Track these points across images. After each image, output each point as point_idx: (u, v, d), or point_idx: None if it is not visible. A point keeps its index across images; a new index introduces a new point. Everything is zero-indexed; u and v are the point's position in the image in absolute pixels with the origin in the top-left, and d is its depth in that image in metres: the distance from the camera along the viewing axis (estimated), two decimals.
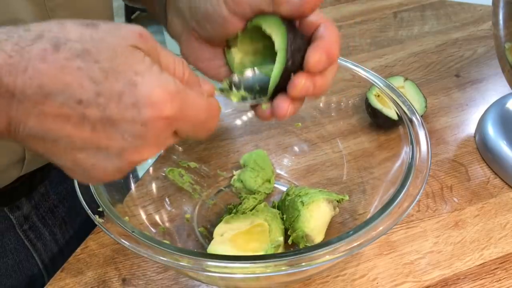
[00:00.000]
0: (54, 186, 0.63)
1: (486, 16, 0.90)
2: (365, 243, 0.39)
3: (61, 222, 0.65)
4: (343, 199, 0.53)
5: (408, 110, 0.50)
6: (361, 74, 0.54)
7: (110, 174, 0.32)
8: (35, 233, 0.62)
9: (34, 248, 0.62)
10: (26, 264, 0.62)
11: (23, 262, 0.61)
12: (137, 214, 0.52)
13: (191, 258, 0.38)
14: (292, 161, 0.62)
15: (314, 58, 0.36)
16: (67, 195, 0.66)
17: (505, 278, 0.51)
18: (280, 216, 0.54)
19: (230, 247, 0.49)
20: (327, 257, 0.39)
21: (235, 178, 0.61)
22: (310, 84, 0.37)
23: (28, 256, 0.62)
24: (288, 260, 0.38)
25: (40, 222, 0.62)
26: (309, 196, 0.52)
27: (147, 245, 0.39)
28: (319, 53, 0.36)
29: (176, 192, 0.58)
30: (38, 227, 0.62)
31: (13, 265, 0.60)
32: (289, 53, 0.37)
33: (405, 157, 0.48)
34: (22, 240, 0.60)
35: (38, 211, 0.62)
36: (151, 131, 0.30)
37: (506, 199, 0.58)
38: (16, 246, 0.60)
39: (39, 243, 0.62)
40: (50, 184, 0.63)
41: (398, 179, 0.46)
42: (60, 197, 0.65)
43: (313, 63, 0.36)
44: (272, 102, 0.40)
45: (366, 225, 0.40)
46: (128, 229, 0.41)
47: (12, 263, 0.60)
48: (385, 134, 0.56)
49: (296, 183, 0.60)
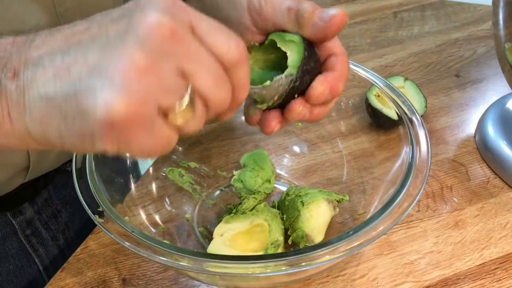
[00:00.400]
0: (57, 191, 0.63)
1: (486, 16, 0.90)
2: (365, 243, 0.39)
3: (64, 228, 0.65)
4: (343, 199, 0.53)
5: (408, 110, 0.50)
6: (361, 74, 0.54)
7: (132, 55, 0.26)
8: (37, 238, 0.61)
9: (36, 253, 0.62)
10: (27, 269, 0.61)
11: (25, 268, 0.61)
12: (137, 214, 0.52)
13: (191, 258, 0.38)
14: (292, 161, 0.62)
15: (318, 90, 0.36)
16: (71, 200, 0.65)
17: (505, 278, 0.51)
18: (280, 216, 0.54)
19: (230, 247, 0.49)
20: (327, 257, 0.39)
21: (235, 178, 0.61)
22: (306, 112, 0.38)
23: (30, 262, 0.61)
24: (288, 260, 0.38)
25: (42, 227, 0.62)
26: (309, 196, 0.52)
27: (147, 245, 0.39)
28: (324, 86, 0.36)
29: (176, 192, 0.58)
30: (40, 232, 0.62)
31: (14, 270, 0.60)
32: (299, 73, 0.37)
33: (405, 157, 0.48)
34: (24, 246, 0.60)
35: (41, 216, 0.61)
36: (150, 35, 0.26)
37: (506, 199, 0.58)
38: (18, 251, 0.60)
39: (41, 248, 0.62)
40: (54, 189, 0.62)
41: (398, 179, 0.46)
42: (63, 202, 0.64)
43: (315, 95, 0.37)
44: (262, 113, 0.40)
45: (366, 225, 0.40)
46: (128, 229, 0.41)
47: (14, 268, 0.60)
48: (385, 134, 0.56)
49: (296, 183, 0.60)
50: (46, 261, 0.63)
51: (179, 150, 0.61)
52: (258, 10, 0.37)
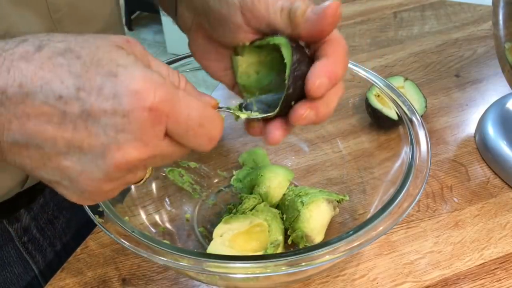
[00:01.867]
0: (53, 196, 0.63)
1: (486, 16, 0.90)
2: (365, 243, 0.39)
3: (60, 234, 0.64)
4: (343, 199, 0.53)
5: (408, 110, 0.50)
6: (361, 74, 0.54)
7: (99, 183, 0.29)
8: (34, 245, 0.61)
9: (33, 260, 0.61)
10: (25, 276, 0.61)
11: (22, 275, 0.60)
12: (137, 214, 0.52)
13: (191, 258, 0.38)
14: (292, 161, 0.62)
15: (314, 84, 0.34)
16: (67, 206, 0.65)
17: (505, 278, 0.51)
18: (280, 216, 0.54)
19: (230, 247, 0.49)
20: (327, 257, 0.39)
21: (235, 178, 0.61)
22: (313, 114, 0.35)
23: (27, 269, 0.61)
24: (288, 260, 0.38)
25: (39, 233, 0.61)
26: (309, 196, 0.52)
27: (147, 245, 0.39)
28: (319, 77, 0.34)
29: (176, 192, 0.58)
30: (37, 239, 0.61)
31: (11, 278, 0.59)
32: (291, 80, 0.35)
33: (405, 157, 0.48)
34: (21, 253, 0.60)
35: (37, 223, 0.61)
36: (134, 123, 0.27)
37: (506, 199, 0.58)
38: (15, 259, 0.59)
39: (39, 255, 0.62)
40: (50, 194, 0.62)
41: (398, 179, 0.46)
42: (59, 207, 0.64)
43: (313, 90, 0.34)
44: (263, 124, 0.38)
45: (366, 225, 0.40)
46: (128, 229, 0.41)
47: (11, 276, 0.59)
48: (385, 134, 0.56)
49: (296, 183, 0.60)
50: (43, 268, 0.63)
51: None
52: (251, 8, 0.36)
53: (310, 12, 0.34)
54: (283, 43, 0.36)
